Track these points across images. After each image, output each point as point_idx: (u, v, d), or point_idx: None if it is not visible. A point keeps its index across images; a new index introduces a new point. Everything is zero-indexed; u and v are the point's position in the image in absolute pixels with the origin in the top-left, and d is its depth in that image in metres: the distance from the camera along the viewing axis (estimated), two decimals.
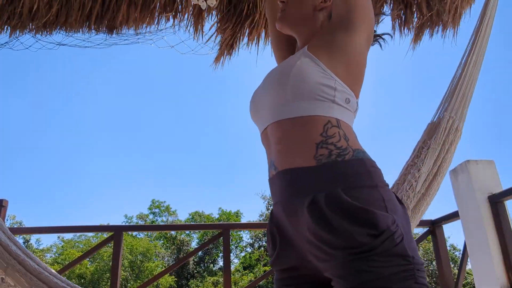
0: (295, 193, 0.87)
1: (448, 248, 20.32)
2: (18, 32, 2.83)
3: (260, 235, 24.21)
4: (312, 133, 0.88)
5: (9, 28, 2.78)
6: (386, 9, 2.83)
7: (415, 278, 0.76)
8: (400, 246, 0.77)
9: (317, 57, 0.95)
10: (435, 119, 2.11)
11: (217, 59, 2.95)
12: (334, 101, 0.91)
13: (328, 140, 0.87)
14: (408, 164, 2.04)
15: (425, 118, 2.20)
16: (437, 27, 2.78)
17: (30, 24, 2.76)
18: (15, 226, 20.55)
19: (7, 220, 2.77)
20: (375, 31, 1.15)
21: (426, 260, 18.43)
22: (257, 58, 2.87)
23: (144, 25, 2.83)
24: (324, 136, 0.87)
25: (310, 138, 0.88)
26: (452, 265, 16.87)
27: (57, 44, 2.97)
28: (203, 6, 2.46)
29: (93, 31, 2.86)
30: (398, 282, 0.74)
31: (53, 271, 2.15)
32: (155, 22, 2.82)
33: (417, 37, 2.82)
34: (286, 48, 1.25)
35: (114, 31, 2.88)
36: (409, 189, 1.91)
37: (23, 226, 19.96)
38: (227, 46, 2.88)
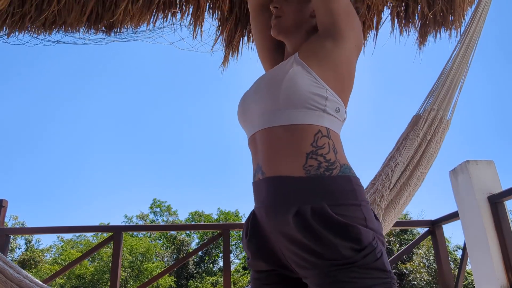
0: (281, 200, 0.88)
1: (452, 249, 20.31)
2: (16, 33, 2.82)
3: None
4: (302, 142, 0.90)
5: (6, 29, 2.78)
6: (386, 9, 2.83)
7: None
8: (380, 261, 0.81)
9: (308, 65, 0.95)
10: (420, 112, 2.13)
11: (224, 60, 2.94)
12: (325, 110, 0.93)
13: (318, 151, 0.89)
14: (389, 157, 2.06)
15: (414, 104, 2.20)
16: (441, 26, 2.78)
17: (29, 24, 2.76)
18: (17, 227, 20.56)
19: (9, 220, 2.77)
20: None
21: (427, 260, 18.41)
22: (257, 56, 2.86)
23: (144, 24, 2.83)
24: (314, 146, 0.89)
25: (300, 147, 0.90)
26: (454, 266, 16.86)
27: (55, 42, 2.97)
28: None
29: (92, 30, 2.86)
30: None
31: (34, 279, 2.19)
32: (154, 19, 2.81)
33: (422, 38, 2.82)
34: (274, 51, 1.24)
35: (113, 30, 2.87)
36: (385, 178, 1.94)
37: (26, 227, 19.98)
38: (231, 46, 2.88)
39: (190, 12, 2.77)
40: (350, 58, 1.00)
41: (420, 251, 18.64)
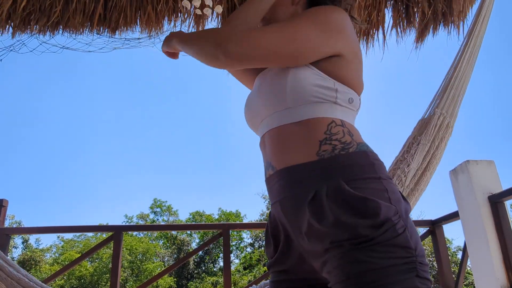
0: (296, 189, 0.84)
1: (454, 250, 20.28)
2: (20, 33, 2.83)
3: (260, 235, 24.22)
4: (316, 131, 0.86)
5: (10, 28, 2.79)
6: (387, 10, 2.83)
7: (417, 271, 0.72)
8: (402, 236, 0.74)
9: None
10: (426, 116, 2.13)
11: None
12: (336, 102, 0.89)
13: (332, 137, 0.85)
14: (398, 159, 2.06)
15: (417, 115, 2.22)
16: (440, 25, 2.78)
17: (32, 25, 2.77)
18: (14, 226, 20.56)
19: (6, 219, 2.77)
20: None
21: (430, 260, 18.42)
22: None
23: (145, 27, 2.84)
24: (328, 133, 0.85)
25: (313, 136, 0.85)
26: (455, 267, 16.84)
27: (60, 47, 2.98)
28: (188, 5, 2.46)
29: (95, 31, 2.87)
30: (398, 275, 0.71)
31: (33, 278, 2.24)
32: (158, 25, 2.83)
33: (420, 35, 2.82)
34: (257, 70, 1.15)
35: (117, 32, 2.88)
36: (398, 183, 1.94)
37: (22, 226, 19.98)
38: None
39: (192, 14, 2.79)
40: (355, 46, 0.93)
41: None
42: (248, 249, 25.17)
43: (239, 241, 25.83)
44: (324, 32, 0.87)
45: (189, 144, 41.94)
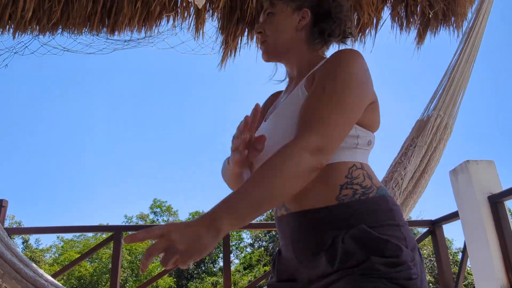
0: (312, 234, 0.82)
1: (455, 250, 20.27)
2: (20, 33, 2.83)
3: (260, 235, 24.22)
4: (337, 175, 0.83)
5: (12, 28, 2.79)
6: (386, 10, 2.83)
7: None
8: (413, 282, 0.73)
9: None
10: (424, 117, 2.12)
11: (222, 60, 2.95)
12: (357, 147, 0.88)
13: (353, 181, 0.83)
14: (396, 161, 2.05)
15: (417, 115, 2.20)
16: (440, 26, 2.78)
17: (33, 25, 2.77)
18: (14, 226, 20.55)
19: (6, 219, 2.77)
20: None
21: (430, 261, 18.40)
22: (256, 55, 2.88)
23: (146, 28, 2.85)
24: (349, 177, 0.83)
25: (334, 180, 0.83)
26: (455, 267, 16.85)
27: (62, 49, 2.99)
28: (200, 5, 2.45)
29: (95, 32, 2.88)
30: None
31: (50, 277, 2.24)
32: (157, 23, 2.83)
33: (421, 36, 2.82)
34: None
35: (116, 32, 2.89)
36: (395, 187, 1.93)
37: (22, 226, 19.97)
38: (230, 47, 2.89)
39: (192, 13, 2.79)
40: (374, 90, 0.92)
41: (423, 251, 18.62)
42: (248, 249, 25.16)
43: (239, 241, 25.82)
44: (362, 89, 0.86)
45: (189, 144, 41.96)
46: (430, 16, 2.65)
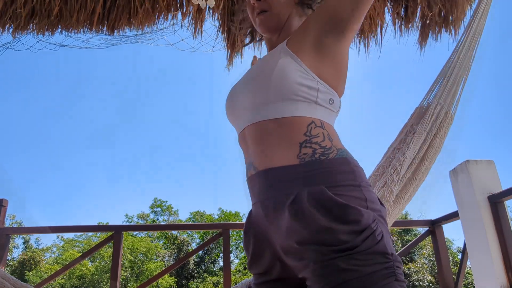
0: (277, 191, 0.84)
1: (455, 250, 20.27)
2: (20, 32, 2.83)
3: None
4: (296, 133, 0.86)
5: (11, 27, 2.79)
6: (386, 9, 2.83)
7: (396, 275, 0.76)
8: (380, 244, 0.77)
9: (299, 55, 0.90)
10: (423, 104, 2.11)
11: (229, 61, 2.95)
12: (317, 102, 0.89)
13: (312, 140, 0.85)
14: (394, 147, 2.04)
15: (415, 102, 2.19)
16: (441, 27, 2.78)
17: (32, 24, 2.77)
18: (15, 226, 20.56)
19: (6, 219, 2.77)
20: None
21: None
22: (261, 52, 2.88)
23: (145, 25, 2.84)
24: (308, 135, 0.85)
25: (293, 137, 0.85)
26: (456, 267, 16.84)
27: (57, 45, 2.98)
28: (203, 5, 2.45)
29: (94, 31, 2.87)
30: (380, 280, 0.74)
31: None
32: (157, 21, 2.82)
33: (422, 38, 2.82)
34: None
35: (115, 31, 2.88)
36: (393, 172, 1.92)
37: (22, 226, 19.97)
38: (232, 46, 2.89)
39: (191, 11, 2.78)
40: (347, 49, 0.95)
41: (424, 251, 18.62)
42: None
43: (239, 241, 25.81)
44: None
45: (189, 144, 41.95)
46: (429, 17, 2.65)
